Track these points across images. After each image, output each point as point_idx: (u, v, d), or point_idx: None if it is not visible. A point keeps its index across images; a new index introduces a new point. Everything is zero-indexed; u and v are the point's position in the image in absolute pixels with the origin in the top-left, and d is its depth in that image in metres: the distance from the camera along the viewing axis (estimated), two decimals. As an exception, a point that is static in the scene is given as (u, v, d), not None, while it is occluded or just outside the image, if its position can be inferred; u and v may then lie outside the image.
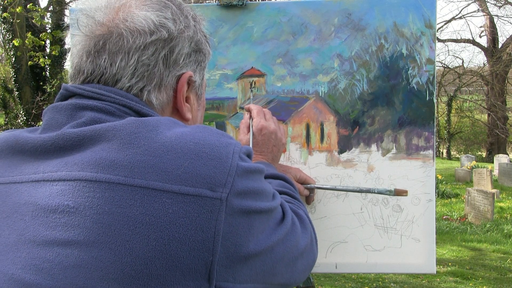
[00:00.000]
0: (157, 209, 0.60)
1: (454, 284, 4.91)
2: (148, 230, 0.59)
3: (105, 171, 0.62)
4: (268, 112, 1.27)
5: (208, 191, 0.62)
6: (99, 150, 0.64)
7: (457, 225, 7.62)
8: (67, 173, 0.63)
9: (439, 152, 22.83)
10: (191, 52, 0.80)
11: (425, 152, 1.50)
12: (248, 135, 1.19)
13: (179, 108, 0.79)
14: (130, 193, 0.61)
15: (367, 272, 1.61)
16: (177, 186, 0.61)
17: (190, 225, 0.60)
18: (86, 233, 0.59)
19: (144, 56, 0.73)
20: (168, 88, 0.77)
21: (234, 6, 1.50)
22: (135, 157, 0.63)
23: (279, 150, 1.19)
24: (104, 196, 0.61)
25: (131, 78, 0.73)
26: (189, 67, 0.79)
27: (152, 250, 0.59)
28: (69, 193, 0.62)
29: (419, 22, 1.47)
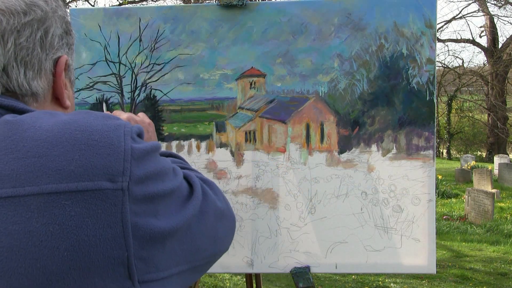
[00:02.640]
0: (58, 215, 0.53)
1: (454, 284, 4.91)
2: (55, 241, 0.53)
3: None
4: (116, 111, 1.14)
5: (107, 182, 0.56)
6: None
7: (457, 225, 7.62)
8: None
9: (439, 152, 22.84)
10: (63, 34, 0.73)
11: (425, 152, 1.50)
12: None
13: (59, 95, 0.72)
14: (24, 205, 0.53)
15: (367, 272, 1.61)
16: (74, 184, 0.55)
17: (97, 224, 0.55)
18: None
19: (22, 38, 0.66)
20: (48, 73, 0.70)
21: (234, 6, 1.50)
22: (18, 162, 0.55)
23: (148, 131, 1.08)
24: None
25: (17, 65, 0.66)
26: (63, 49, 0.73)
27: (65, 261, 0.53)
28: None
29: (419, 22, 1.47)
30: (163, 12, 1.54)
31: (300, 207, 1.52)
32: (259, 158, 1.53)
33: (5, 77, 0.65)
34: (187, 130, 1.56)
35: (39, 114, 0.61)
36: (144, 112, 1.56)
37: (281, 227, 1.53)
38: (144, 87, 1.55)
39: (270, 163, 1.53)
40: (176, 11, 1.55)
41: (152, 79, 1.55)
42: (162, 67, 1.54)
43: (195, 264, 0.71)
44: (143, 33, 1.53)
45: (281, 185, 1.52)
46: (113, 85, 1.56)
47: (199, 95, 1.54)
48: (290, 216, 1.52)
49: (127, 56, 1.54)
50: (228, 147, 1.55)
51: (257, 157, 1.53)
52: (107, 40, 1.55)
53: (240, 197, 1.54)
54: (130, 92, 1.56)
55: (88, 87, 1.56)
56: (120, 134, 0.60)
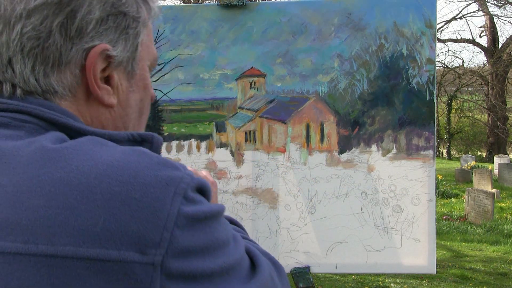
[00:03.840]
0: (71, 284, 0.45)
1: (454, 284, 4.91)
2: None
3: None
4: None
5: (136, 254, 0.46)
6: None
7: (457, 225, 7.62)
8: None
9: (439, 152, 22.84)
10: (106, 17, 0.58)
11: (425, 152, 1.50)
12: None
13: (93, 91, 0.59)
14: (33, 266, 0.45)
15: (367, 272, 1.61)
16: (95, 250, 0.45)
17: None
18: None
19: (29, 26, 0.54)
20: (73, 66, 0.57)
21: (234, 6, 1.50)
22: (38, 211, 0.45)
23: (212, 190, 0.87)
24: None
25: (24, 58, 0.55)
26: (105, 36, 0.58)
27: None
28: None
29: (420, 21, 1.47)
30: (163, 12, 1.54)
31: (300, 207, 1.52)
32: (259, 158, 1.53)
33: (10, 71, 0.56)
34: (187, 130, 1.56)
35: (86, 146, 0.51)
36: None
37: (281, 227, 1.53)
38: (144, 87, 1.55)
39: (270, 163, 1.53)
40: (176, 11, 1.55)
41: (152, 79, 1.55)
42: (162, 67, 1.54)
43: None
44: (143, 33, 1.53)
45: (281, 185, 1.52)
46: (113, 85, 1.56)
47: (199, 95, 1.54)
48: (290, 216, 1.52)
49: (127, 56, 1.54)
50: (228, 147, 1.55)
51: (257, 157, 1.53)
52: (107, 40, 1.55)
53: (240, 197, 1.54)
54: (130, 92, 1.56)
55: (88, 87, 1.56)
56: (169, 193, 0.49)
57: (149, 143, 0.58)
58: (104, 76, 0.60)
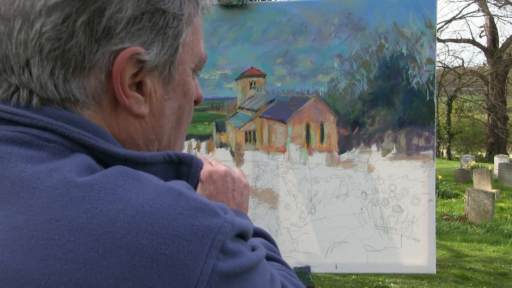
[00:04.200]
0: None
1: (454, 284, 4.91)
2: None
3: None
4: (213, 159, 0.93)
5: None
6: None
7: (457, 225, 7.63)
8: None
9: (439, 152, 22.85)
10: (140, 16, 0.50)
11: (425, 152, 1.50)
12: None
13: (120, 100, 0.51)
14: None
15: (367, 272, 1.61)
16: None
17: None
18: None
19: (48, 26, 0.47)
20: (98, 70, 0.50)
21: (234, 6, 1.50)
22: (53, 265, 0.40)
23: (243, 194, 0.87)
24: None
25: (42, 61, 0.48)
26: (138, 38, 0.50)
27: None
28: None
29: (419, 22, 1.47)
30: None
31: (300, 207, 1.52)
32: (259, 158, 1.53)
33: (26, 74, 0.49)
34: (187, 130, 1.56)
35: (115, 182, 0.44)
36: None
37: (281, 227, 1.53)
38: (144, 87, 1.55)
39: (270, 163, 1.53)
40: (176, 11, 1.55)
41: (152, 79, 1.55)
42: (162, 67, 1.54)
43: None
44: (143, 33, 1.54)
45: (281, 185, 1.52)
46: (113, 85, 1.56)
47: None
48: (290, 216, 1.52)
49: (127, 56, 1.54)
50: (228, 147, 1.55)
51: (257, 157, 1.53)
52: (107, 40, 1.55)
53: (240, 197, 1.54)
54: (130, 92, 1.56)
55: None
56: (204, 247, 0.43)
57: (187, 166, 0.53)
58: (135, 82, 0.52)
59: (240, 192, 0.85)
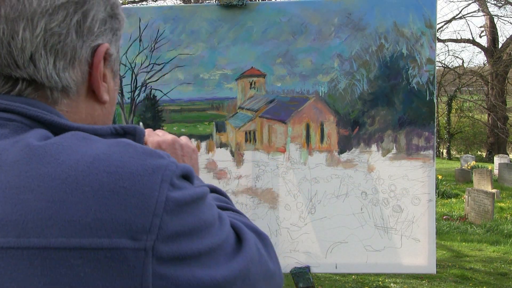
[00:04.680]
0: (65, 275, 0.45)
1: (454, 284, 4.91)
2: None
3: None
4: (160, 130, 1.02)
5: (128, 240, 0.47)
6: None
7: (457, 225, 7.63)
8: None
9: (439, 152, 22.84)
10: (107, 18, 0.63)
11: (425, 152, 1.50)
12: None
13: (96, 88, 0.62)
14: (27, 259, 0.46)
15: (367, 272, 1.61)
16: (88, 240, 0.46)
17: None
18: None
19: (54, 23, 0.56)
20: (83, 63, 0.60)
21: (234, 6, 1.50)
22: (28, 206, 0.46)
23: (192, 157, 0.95)
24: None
25: (45, 53, 0.57)
26: (105, 36, 0.63)
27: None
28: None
29: (419, 22, 1.47)
30: (163, 12, 1.54)
31: (300, 207, 1.52)
32: (259, 158, 1.53)
33: (32, 67, 0.56)
34: (187, 130, 1.56)
35: (69, 141, 0.52)
36: (144, 111, 1.56)
37: (281, 227, 1.53)
38: (144, 87, 1.55)
39: (270, 163, 1.53)
40: (176, 11, 1.55)
41: (152, 79, 1.55)
42: (162, 67, 1.54)
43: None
44: (143, 33, 1.53)
45: (281, 185, 1.52)
46: (113, 85, 1.56)
47: (199, 95, 1.54)
48: (290, 216, 1.52)
49: (127, 56, 1.54)
50: (228, 147, 1.55)
51: (257, 157, 1.53)
52: (107, 40, 1.55)
53: (240, 197, 1.54)
54: (130, 92, 1.56)
55: (88, 87, 1.56)
56: (156, 180, 0.50)
57: (132, 135, 0.59)
58: (102, 74, 0.63)
59: (189, 157, 0.94)
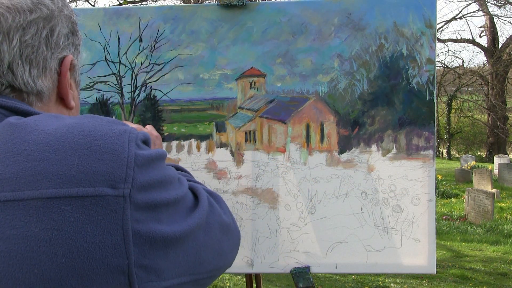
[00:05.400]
0: (58, 220, 0.53)
1: (454, 284, 4.91)
2: (53, 246, 0.52)
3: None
4: (126, 121, 1.14)
5: (108, 189, 0.55)
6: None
7: (457, 225, 7.63)
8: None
9: (439, 152, 22.84)
10: (69, 34, 0.73)
11: (425, 152, 1.50)
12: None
13: (64, 95, 0.72)
14: (23, 209, 0.53)
15: (367, 272, 1.61)
16: (74, 189, 0.54)
17: (96, 230, 0.54)
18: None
19: (27, 36, 0.66)
20: (53, 72, 0.70)
21: (234, 6, 1.50)
22: (18, 166, 0.54)
23: (155, 143, 1.07)
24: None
25: (21, 62, 0.66)
26: (69, 49, 0.73)
27: (63, 268, 0.52)
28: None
29: (419, 22, 1.47)
30: (163, 12, 1.54)
31: (300, 207, 1.52)
32: (259, 158, 1.53)
33: (10, 75, 0.65)
34: (187, 130, 1.56)
35: (43, 117, 0.60)
36: (144, 111, 1.56)
37: (281, 227, 1.53)
38: (144, 87, 1.55)
39: (270, 163, 1.53)
40: (176, 11, 1.55)
41: (152, 79, 1.55)
42: (162, 67, 1.54)
43: (198, 276, 0.69)
44: (143, 33, 1.53)
45: (281, 185, 1.52)
46: (113, 85, 1.56)
47: (199, 95, 1.54)
48: (290, 216, 1.52)
49: (127, 56, 1.54)
50: (228, 147, 1.55)
51: (257, 157, 1.53)
52: (107, 40, 1.55)
53: (240, 197, 1.54)
54: (130, 92, 1.56)
55: (88, 87, 1.56)
56: (124, 140, 0.59)
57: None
58: (69, 82, 0.73)
59: (153, 143, 1.04)
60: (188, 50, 1.53)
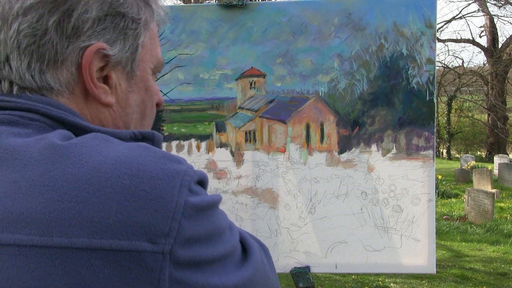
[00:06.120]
0: (85, 275, 0.46)
1: (454, 284, 4.91)
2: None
3: (12, 228, 0.47)
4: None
5: (146, 243, 0.48)
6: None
7: (457, 225, 7.63)
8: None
9: (439, 152, 22.84)
10: (104, 17, 0.59)
11: (425, 152, 1.50)
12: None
13: (89, 90, 0.60)
14: (49, 258, 0.46)
15: (367, 272, 1.61)
16: (108, 241, 0.47)
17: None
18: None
19: (25, 24, 0.56)
20: (69, 63, 0.58)
21: (234, 6, 1.50)
22: (52, 205, 0.47)
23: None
24: (13, 265, 0.46)
25: (20, 55, 0.57)
26: (102, 36, 0.59)
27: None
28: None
29: (419, 22, 1.47)
30: (163, 12, 1.54)
31: (300, 207, 1.52)
32: (259, 158, 1.53)
33: (7, 68, 0.57)
34: (187, 130, 1.56)
35: (92, 142, 0.52)
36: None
37: (281, 227, 1.53)
38: (144, 87, 1.55)
39: (270, 163, 1.53)
40: (176, 11, 1.55)
41: (152, 79, 1.55)
42: (162, 67, 1.54)
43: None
44: (143, 33, 1.53)
45: (281, 185, 1.52)
46: (113, 85, 1.56)
47: (199, 95, 1.54)
48: (290, 216, 1.53)
49: (127, 56, 1.54)
50: (228, 147, 1.55)
51: (257, 157, 1.53)
52: (107, 40, 1.55)
53: (240, 197, 1.54)
54: (130, 92, 1.56)
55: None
56: (175, 185, 0.51)
57: (150, 140, 0.60)
58: (102, 75, 0.61)
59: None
60: (188, 50, 1.53)
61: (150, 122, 0.71)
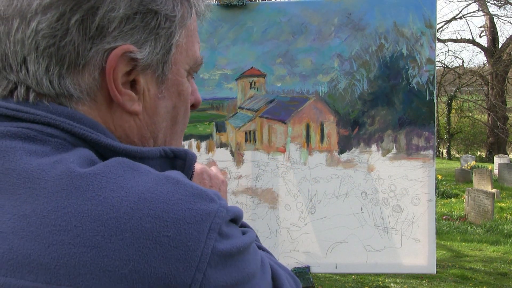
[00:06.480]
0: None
1: (454, 284, 4.91)
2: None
3: (16, 273, 0.42)
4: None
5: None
6: (4, 230, 0.43)
7: (457, 225, 7.63)
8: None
9: (439, 152, 22.84)
10: (132, 15, 0.52)
11: (425, 152, 1.50)
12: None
13: (113, 97, 0.53)
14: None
15: (367, 272, 1.61)
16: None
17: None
18: None
19: (44, 24, 0.49)
20: (92, 68, 0.51)
21: (234, 6, 1.50)
22: (61, 249, 0.42)
23: (220, 189, 0.90)
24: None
25: (38, 58, 0.50)
26: (130, 37, 0.52)
27: None
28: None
29: (419, 22, 1.47)
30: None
31: (300, 207, 1.52)
32: (259, 158, 1.53)
33: (24, 71, 0.50)
34: (187, 130, 1.56)
35: (116, 172, 0.46)
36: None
37: (281, 227, 1.53)
38: (144, 87, 1.55)
39: (270, 163, 1.53)
40: (176, 11, 1.55)
41: (152, 79, 1.55)
42: (162, 67, 1.54)
43: None
44: (143, 33, 1.53)
45: (281, 185, 1.52)
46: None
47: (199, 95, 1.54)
48: (290, 216, 1.52)
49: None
50: (228, 147, 1.55)
51: (257, 157, 1.53)
52: (107, 40, 1.55)
53: (240, 197, 1.54)
54: (130, 92, 1.56)
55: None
56: (204, 229, 0.45)
57: (182, 160, 0.55)
58: (128, 80, 0.54)
59: (218, 188, 0.88)
60: (188, 50, 1.53)
61: (183, 128, 0.64)
